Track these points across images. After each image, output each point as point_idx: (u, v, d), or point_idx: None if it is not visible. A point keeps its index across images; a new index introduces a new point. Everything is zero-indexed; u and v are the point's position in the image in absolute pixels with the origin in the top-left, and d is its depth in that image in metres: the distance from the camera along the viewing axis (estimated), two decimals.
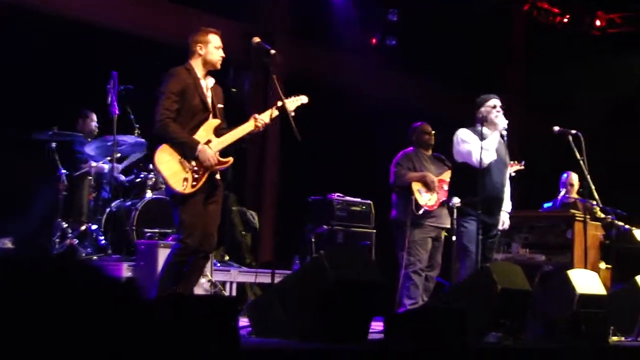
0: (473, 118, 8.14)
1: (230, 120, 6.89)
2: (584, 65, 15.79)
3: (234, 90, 10.74)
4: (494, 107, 8.06)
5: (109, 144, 9.00)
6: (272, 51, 6.99)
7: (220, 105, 6.76)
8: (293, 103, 6.93)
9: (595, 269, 9.43)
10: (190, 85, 6.56)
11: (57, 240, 8.87)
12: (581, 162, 9.06)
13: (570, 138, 9.11)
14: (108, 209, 9.11)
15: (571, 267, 8.88)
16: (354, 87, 14.14)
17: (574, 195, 10.86)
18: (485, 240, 7.95)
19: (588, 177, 9.11)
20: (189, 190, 6.41)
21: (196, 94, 6.57)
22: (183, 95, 6.50)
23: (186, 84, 6.54)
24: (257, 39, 7.14)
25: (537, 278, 9.42)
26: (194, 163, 6.45)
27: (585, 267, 8.83)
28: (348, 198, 10.74)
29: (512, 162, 10.11)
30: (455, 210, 8.09)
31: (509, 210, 8.35)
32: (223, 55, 6.76)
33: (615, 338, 7.71)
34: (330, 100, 13.33)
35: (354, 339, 6.01)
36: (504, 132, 8.06)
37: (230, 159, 6.68)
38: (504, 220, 8.25)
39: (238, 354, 3.76)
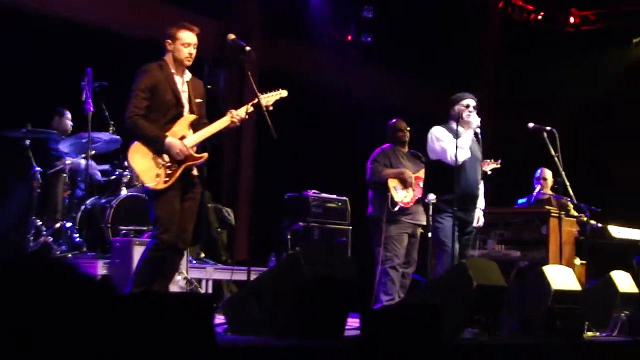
0: (447, 115, 8.17)
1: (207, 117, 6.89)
2: (559, 62, 15.86)
3: (209, 87, 10.71)
4: (467, 106, 8.08)
5: (84, 141, 8.95)
6: (247, 48, 6.98)
7: (198, 100, 6.75)
8: (272, 97, 6.94)
9: (570, 264, 9.46)
10: (162, 81, 6.55)
11: (32, 238, 8.81)
12: (556, 158, 9.10)
13: (545, 134, 9.15)
14: (83, 207, 9.07)
15: (546, 263, 8.90)
16: (330, 84, 14.14)
17: (548, 191, 10.89)
18: (461, 237, 7.97)
19: (563, 173, 9.15)
20: (161, 185, 6.41)
21: (168, 90, 6.56)
22: (154, 92, 6.50)
23: (157, 80, 6.53)
24: (232, 36, 7.13)
25: (513, 274, 9.46)
26: (167, 159, 6.45)
27: (560, 263, 8.87)
28: (324, 195, 10.73)
29: (488, 160, 10.14)
30: (430, 207, 8.11)
31: (483, 208, 8.38)
32: (192, 53, 6.71)
33: (590, 333, 7.74)
34: (306, 97, 13.31)
35: (330, 336, 6.02)
36: (478, 130, 8.08)
37: (205, 155, 6.67)
38: (479, 217, 8.28)
39: (214, 352, 3.75)
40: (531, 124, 9.27)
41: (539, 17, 15.75)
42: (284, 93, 7.04)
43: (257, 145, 12.60)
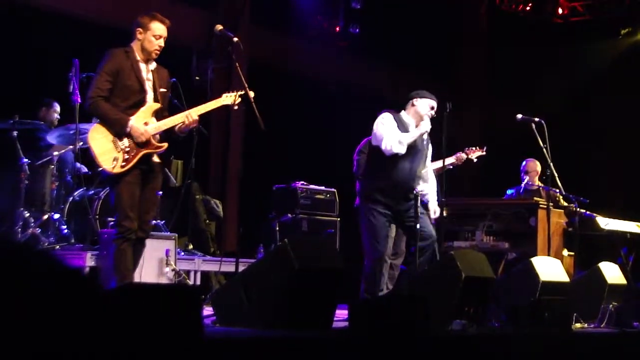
0: (404, 102, 8.14)
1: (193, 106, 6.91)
2: (547, 53, 15.88)
3: (197, 78, 10.69)
4: (432, 108, 8.05)
5: (71, 132, 8.93)
6: (235, 39, 6.98)
7: (162, 90, 6.77)
8: (229, 98, 6.97)
9: (559, 256, 9.48)
10: (126, 67, 6.58)
11: (19, 229, 8.78)
12: (544, 149, 9.10)
13: (534, 126, 9.16)
14: (70, 198, 9.05)
15: (534, 254, 8.91)
16: (318, 74, 14.14)
17: (536, 182, 10.89)
18: (400, 227, 7.97)
19: (551, 164, 9.15)
20: (117, 169, 6.44)
21: (132, 75, 6.60)
22: (117, 76, 6.54)
23: (120, 65, 6.57)
24: (219, 27, 7.13)
25: (501, 266, 9.47)
26: (127, 143, 6.49)
27: (549, 255, 8.88)
28: (312, 186, 10.73)
29: (474, 148, 10.15)
30: (418, 197, 8.09)
31: (437, 199, 8.36)
32: (162, 45, 6.74)
33: (578, 325, 7.75)
34: (294, 88, 13.32)
35: (318, 327, 6.01)
36: (425, 136, 8.03)
37: (165, 144, 6.70)
38: (435, 210, 8.24)
39: (202, 344, 3.74)
40: (519, 115, 9.28)
41: (528, 7, 15.74)
42: (249, 93, 7.07)
43: (246, 136, 12.58)
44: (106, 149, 6.48)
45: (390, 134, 7.84)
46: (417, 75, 14.72)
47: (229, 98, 6.95)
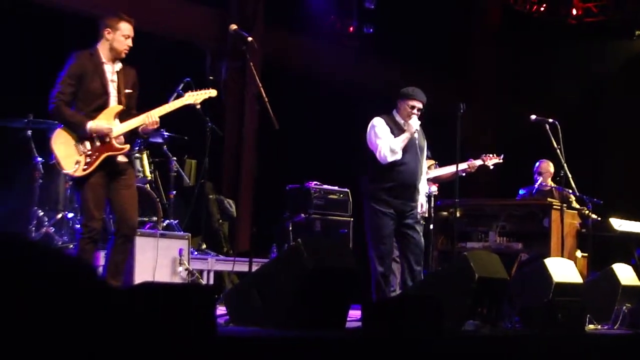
0: (394, 103, 8.12)
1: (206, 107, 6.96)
2: (561, 54, 15.84)
3: (211, 77, 10.70)
4: (413, 107, 8.00)
5: None
6: (250, 38, 6.99)
7: (128, 91, 6.81)
8: (200, 96, 7.03)
9: (572, 257, 9.46)
10: (89, 70, 6.64)
11: (33, 228, 8.80)
12: (558, 150, 9.09)
13: (547, 126, 9.15)
14: None
15: (548, 255, 8.90)
16: (331, 74, 14.13)
17: (550, 182, 10.87)
18: (400, 226, 7.96)
19: (565, 165, 9.14)
20: (79, 173, 6.54)
21: (96, 78, 6.65)
22: (81, 80, 6.60)
23: (84, 69, 6.63)
24: (234, 26, 7.14)
25: (514, 266, 9.46)
26: (88, 147, 6.57)
27: (562, 256, 8.87)
28: (325, 186, 10.72)
29: (491, 155, 10.14)
30: (432, 199, 8.11)
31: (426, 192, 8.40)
32: (130, 45, 6.79)
33: (591, 326, 7.73)
34: (307, 88, 13.32)
35: (331, 327, 6.02)
36: (416, 135, 7.99)
37: (127, 146, 6.77)
38: (422, 204, 8.24)
39: (215, 343, 3.74)
40: (533, 116, 9.27)
41: (542, 8, 15.71)
42: (213, 93, 7.15)
43: (259, 136, 12.59)
44: (68, 153, 6.58)
45: (382, 143, 7.87)
46: (430, 75, 14.70)
47: (191, 97, 7.01)
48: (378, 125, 7.98)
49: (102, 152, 6.58)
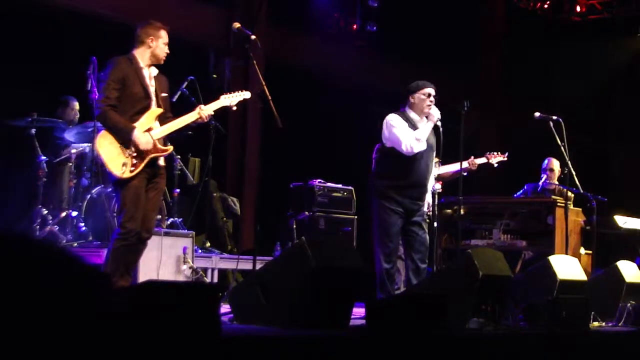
0: (404, 101, 8.06)
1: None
2: (564, 51, 15.84)
3: (215, 76, 10.71)
4: (429, 95, 7.95)
5: (89, 130, 8.96)
6: (253, 37, 7.01)
7: (164, 95, 6.94)
8: (235, 98, 7.09)
9: (576, 254, 9.46)
10: (131, 74, 6.73)
11: (37, 227, 8.81)
12: (562, 148, 9.08)
13: (552, 124, 9.14)
14: (88, 195, 9.06)
15: (552, 253, 8.89)
16: (335, 72, 14.12)
17: (555, 181, 10.86)
18: (407, 225, 7.94)
19: (569, 163, 9.13)
20: (127, 174, 6.60)
21: (137, 82, 6.75)
22: (123, 83, 6.68)
23: (126, 73, 6.71)
24: (237, 25, 7.17)
25: (519, 264, 9.46)
26: (133, 149, 6.64)
27: (566, 253, 8.86)
28: (329, 184, 10.72)
29: (495, 153, 10.14)
30: (435, 196, 8.10)
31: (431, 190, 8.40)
32: (168, 52, 6.91)
33: (596, 323, 7.73)
34: (311, 86, 13.31)
35: (335, 325, 6.01)
36: (439, 123, 7.94)
37: (170, 148, 6.89)
38: (428, 203, 8.24)
39: (219, 341, 3.74)
40: (537, 114, 9.26)
41: (546, 5, 15.70)
42: (247, 95, 7.22)
43: (263, 134, 12.59)
44: (114, 155, 6.64)
45: (405, 134, 7.78)
46: (434, 73, 14.68)
47: (227, 99, 7.10)
48: (395, 120, 7.90)
49: (148, 153, 6.67)
